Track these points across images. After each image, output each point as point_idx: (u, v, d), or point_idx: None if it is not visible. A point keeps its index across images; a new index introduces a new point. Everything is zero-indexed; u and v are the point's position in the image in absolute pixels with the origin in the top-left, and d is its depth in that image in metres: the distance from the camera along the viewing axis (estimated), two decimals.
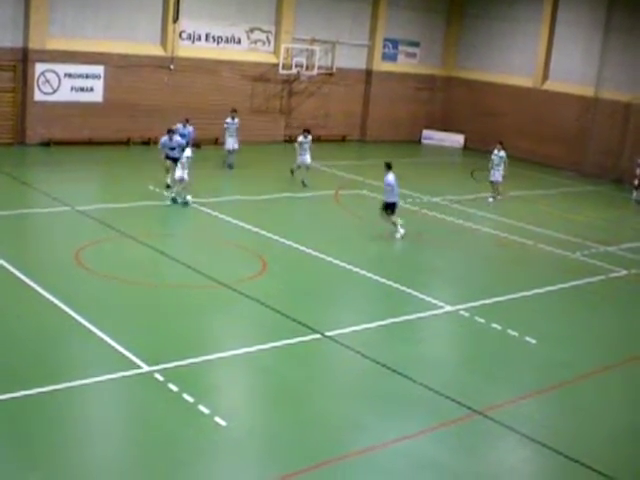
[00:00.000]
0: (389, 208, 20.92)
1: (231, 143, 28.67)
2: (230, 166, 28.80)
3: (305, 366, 12.99)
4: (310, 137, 27.65)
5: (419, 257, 20.31)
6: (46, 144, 30.12)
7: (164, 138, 23.72)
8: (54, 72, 30.06)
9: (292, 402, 11.66)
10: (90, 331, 13.15)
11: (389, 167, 21.03)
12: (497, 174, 27.19)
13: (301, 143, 27.29)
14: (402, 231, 20.98)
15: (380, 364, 13.02)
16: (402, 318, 15.33)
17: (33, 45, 29.37)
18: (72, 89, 30.59)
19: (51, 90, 30.16)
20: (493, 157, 27.28)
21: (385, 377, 12.67)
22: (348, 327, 14.53)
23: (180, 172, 22.57)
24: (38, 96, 29.92)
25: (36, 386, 11.10)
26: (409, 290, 16.89)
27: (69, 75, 30.40)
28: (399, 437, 10.82)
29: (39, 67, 29.72)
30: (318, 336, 13.92)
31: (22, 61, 29.52)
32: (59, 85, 30.27)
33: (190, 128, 26.90)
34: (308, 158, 27.29)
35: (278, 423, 11.00)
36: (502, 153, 27.22)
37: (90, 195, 23.77)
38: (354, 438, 10.73)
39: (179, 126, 26.34)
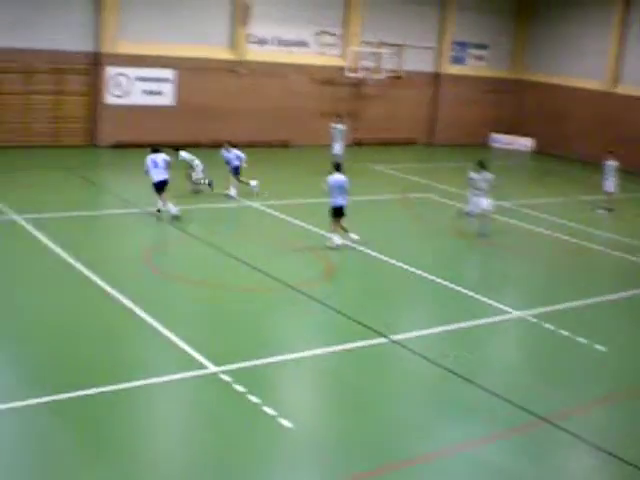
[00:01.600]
0: (335, 213, 19.31)
1: (336, 148, 28.66)
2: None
3: (371, 370, 12.93)
4: (490, 175, 21.30)
5: (487, 261, 20.10)
6: (117, 146, 30.61)
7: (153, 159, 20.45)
8: (125, 75, 30.57)
9: (357, 405, 11.63)
10: (158, 331, 13.31)
11: (337, 168, 19.55)
12: (610, 184, 26.67)
13: (473, 180, 21.61)
14: (338, 242, 19.16)
15: (446, 369, 12.91)
16: (469, 323, 15.18)
17: (105, 49, 29.91)
18: (143, 92, 31.07)
19: (122, 93, 30.66)
20: (605, 167, 26.56)
21: (451, 382, 12.56)
22: (414, 331, 14.45)
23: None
24: (110, 99, 30.46)
25: (103, 384, 11.27)
26: (476, 295, 16.72)
27: (140, 78, 30.88)
28: (464, 443, 10.72)
29: (111, 71, 30.25)
30: (384, 340, 13.86)
31: (94, 65, 30.08)
32: (130, 88, 30.76)
33: (236, 153, 23.86)
34: (484, 201, 21.24)
35: (343, 426, 10.97)
36: (614, 162, 26.56)
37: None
38: (419, 443, 10.66)
39: (222, 151, 24.20)
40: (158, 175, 20.30)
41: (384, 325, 14.46)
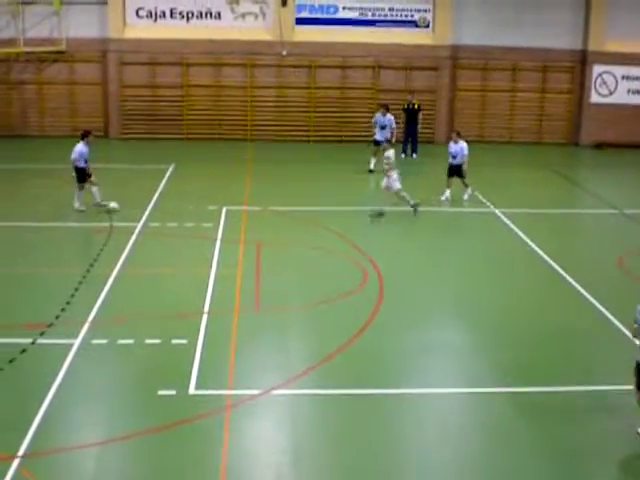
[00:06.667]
0: None
1: None
2: None
3: None
4: None
5: None
6: (599, 146, 30.33)
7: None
8: (611, 74, 30.16)
9: None
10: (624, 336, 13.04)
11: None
12: None
13: None
14: None
15: None
16: None
17: (592, 47, 29.78)
18: (628, 92, 30.44)
19: (607, 92, 30.31)
20: None
21: None
22: None
23: (387, 182, 19.20)
24: (594, 98, 30.30)
25: (558, 384, 11.38)
26: None
27: (626, 77, 30.27)
28: None
29: (596, 69, 30.06)
30: None
31: (580, 63, 30.09)
32: (616, 87, 30.29)
33: (389, 117, 23.96)
34: None
35: None
36: None
37: (638, 199, 23.32)
38: None
39: (377, 115, 24.18)
40: None
41: None
